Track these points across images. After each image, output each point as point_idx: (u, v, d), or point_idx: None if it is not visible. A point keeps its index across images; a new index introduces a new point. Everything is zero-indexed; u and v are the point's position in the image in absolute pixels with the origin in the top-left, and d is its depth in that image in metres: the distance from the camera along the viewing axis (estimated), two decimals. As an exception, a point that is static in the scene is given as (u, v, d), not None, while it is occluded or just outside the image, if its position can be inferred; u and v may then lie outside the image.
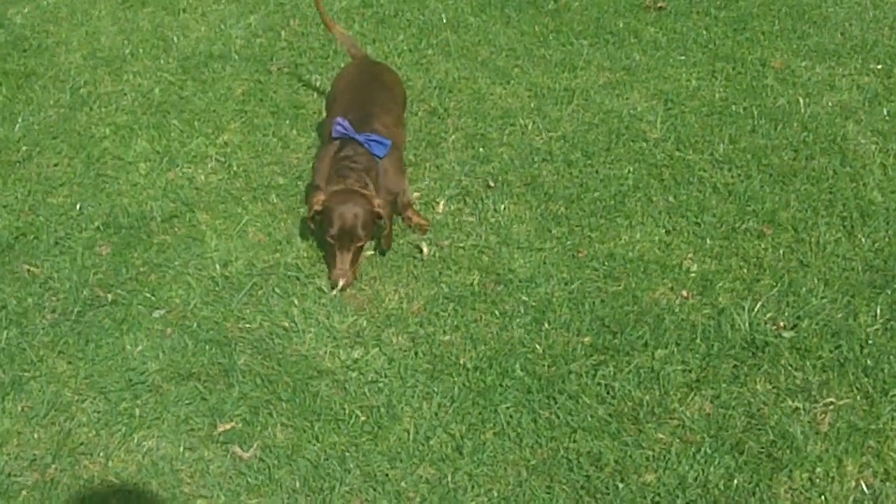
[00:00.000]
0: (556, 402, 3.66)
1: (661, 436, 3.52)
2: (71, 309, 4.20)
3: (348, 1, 6.65)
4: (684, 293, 4.06)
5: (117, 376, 3.89)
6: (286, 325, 4.07)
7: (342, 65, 5.84)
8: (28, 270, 4.43)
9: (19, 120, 5.55)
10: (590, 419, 3.59)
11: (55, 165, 5.17)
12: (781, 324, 3.89)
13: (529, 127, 5.25)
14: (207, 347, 3.99)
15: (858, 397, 3.59)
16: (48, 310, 4.22)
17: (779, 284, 4.08)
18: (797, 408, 3.57)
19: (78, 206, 4.82)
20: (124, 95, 5.77)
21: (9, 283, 4.36)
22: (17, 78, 6.01)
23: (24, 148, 5.30)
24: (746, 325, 3.89)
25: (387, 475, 3.47)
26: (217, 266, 4.38)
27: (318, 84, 5.73)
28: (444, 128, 5.29)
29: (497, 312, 4.05)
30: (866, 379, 3.63)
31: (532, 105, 5.45)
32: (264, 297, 4.21)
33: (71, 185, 5.00)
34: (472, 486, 3.41)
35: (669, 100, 5.38)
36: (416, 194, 4.68)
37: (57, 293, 4.30)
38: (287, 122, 5.42)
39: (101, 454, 3.60)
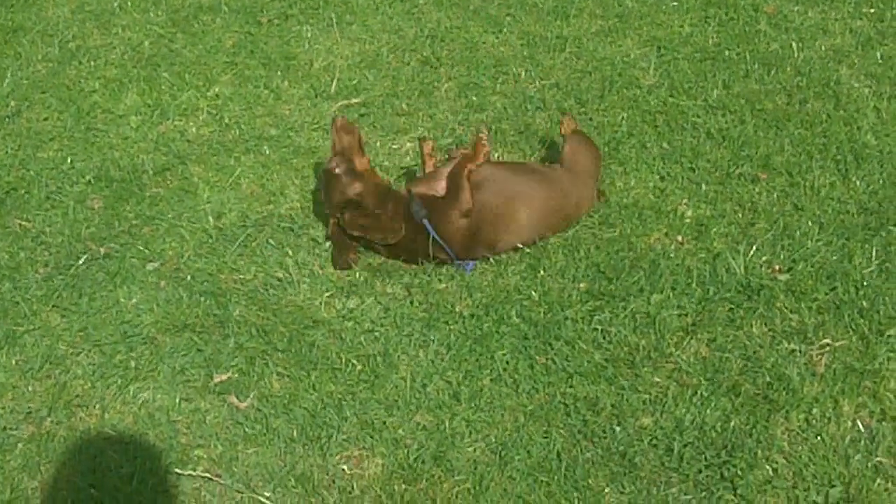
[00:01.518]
0: (552, 348, 3.66)
1: (657, 379, 3.52)
2: (64, 263, 4.19)
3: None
4: (679, 238, 4.05)
5: (112, 329, 3.88)
6: (280, 275, 4.06)
7: (332, 15, 5.81)
8: (20, 225, 4.42)
9: (8, 75, 5.52)
10: (586, 364, 3.59)
11: (45, 120, 5.14)
12: (777, 267, 3.89)
13: (522, 75, 5.22)
14: (202, 299, 3.98)
15: (854, 338, 3.58)
16: (41, 264, 4.21)
17: (773, 228, 4.07)
18: (793, 350, 3.57)
19: (69, 160, 4.80)
20: (113, 49, 5.73)
21: (1, 238, 4.34)
22: (5, 33, 5.97)
23: (12, 103, 5.28)
24: (742, 268, 3.88)
25: (384, 423, 3.47)
26: (210, 218, 4.37)
27: (308, 35, 5.69)
28: (436, 77, 5.26)
29: (492, 260, 4.04)
30: (862, 320, 3.63)
31: (525, 53, 5.42)
32: (258, 249, 4.20)
33: (61, 140, 4.97)
34: (470, 433, 3.41)
35: (662, 46, 5.35)
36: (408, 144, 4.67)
37: (49, 247, 4.29)
38: (278, 73, 5.39)
39: (97, 406, 3.61)
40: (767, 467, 3.21)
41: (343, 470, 3.35)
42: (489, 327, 3.76)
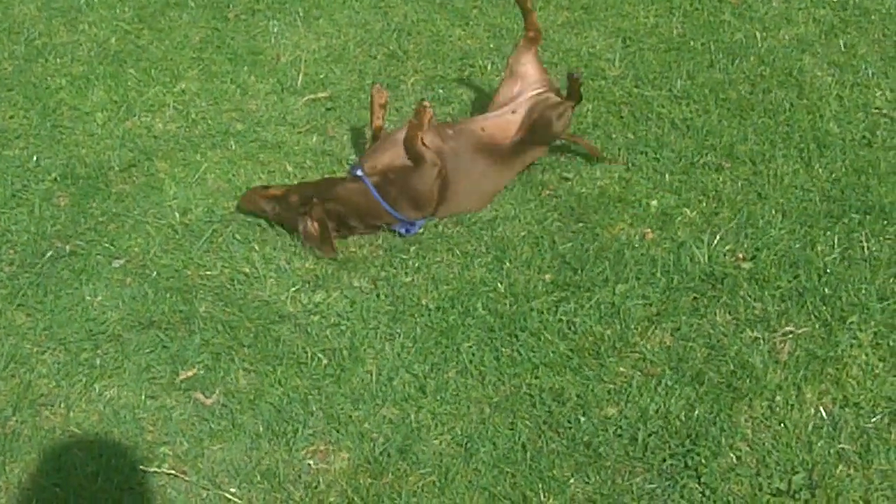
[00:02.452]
0: (518, 340, 3.67)
1: (622, 369, 3.54)
2: (29, 261, 4.18)
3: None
4: (647, 232, 4.06)
5: (77, 327, 3.87)
6: (247, 270, 4.06)
7: (299, 10, 5.80)
8: (-15, 224, 4.40)
9: (-27, 73, 5.49)
10: (552, 355, 3.60)
11: (10, 118, 5.11)
12: (740, 255, 3.91)
13: (489, 68, 5.23)
14: (168, 296, 3.97)
15: (817, 326, 3.61)
16: (6, 262, 4.19)
17: (737, 217, 4.09)
18: (756, 338, 3.59)
19: (35, 158, 4.78)
20: (80, 46, 5.70)
21: (-34, 237, 4.33)
22: (-30, 31, 5.94)
23: (-23, 101, 5.25)
24: (706, 257, 3.90)
25: (350, 417, 3.48)
26: (176, 214, 4.36)
27: (275, 30, 5.67)
28: (403, 70, 5.26)
29: (458, 252, 4.05)
30: (824, 307, 3.66)
31: (491, 46, 5.42)
32: (224, 244, 4.19)
33: (27, 137, 4.95)
34: (436, 425, 3.42)
35: (628, 37, 5.36)
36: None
37: (15, 245, 4.27)
38: (245, 68, 5.38)
39: (62, 405, 3.59)
40: (731, 455, 3.23)
41: (309, 465, 3.36)
42: (455, 320, 3.77)
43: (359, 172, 4.18)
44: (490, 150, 4.26)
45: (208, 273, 4.07)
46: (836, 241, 3.92)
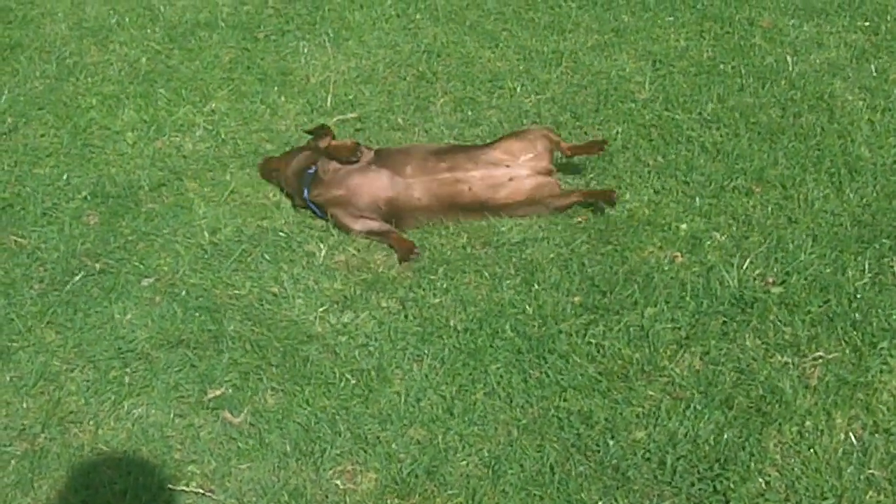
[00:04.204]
0: (546, 362, 3.66)
1: (651, 393, 3.52)
2: (59, 279, 4.20)
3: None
4: (676, 256, 4.05)
5: (106, 345, 3.88)
6: (275, 290, 4.07)
7: (329, 31, 5.83)
8: (15, 241, 4.42)
9: (5, 91, 5.53)
10: (580, 378, 3.59)
11: (42, 136, 5.15)
12: (770, 280, 3.89)
13: (518, 90, 5.23)
14: (197, 315, 3.98)
15: (847, 351, 3.58)
16: (36, 280, 4.21)
17: (767, 241, 4.07)
18: (786, 362, 3.57)
19: (65, 177, 4.81)
20: (111, 65, 5.75)
21: (-3, 255, 4.36)
22: (3, 49, 5.99)
23: (9, 119, 5.29)
24: (735, 281, 3.88)
25: (377, 437, 3.47)
26: (205, 233, 4.38)
27: (305, 51, 5.70)
28: (432, 92, 5.28)
29: (487, 274, 4.05)
30: (855, 332, 3.63)
31: (521, 68, 5.44)
32: (253, 264, 4.20)
33: (58, 156, 4.98)
34: (463, 447, 3.41)
35: (658, 60, 5.37)
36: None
37: (45, 263, 4.29)
38: (275, 88, 5.41)
39: (91, 422, 3.60)
40: (760, 480, 3.21)
41: (336, 485, 3.35)
42: (483, 341, 3.76)
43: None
44: (466, 202, 4.29)
45: (237, 292, 4.08)
46: (866, 266, 3.90)
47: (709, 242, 4.09)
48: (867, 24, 5.55)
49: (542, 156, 4.33)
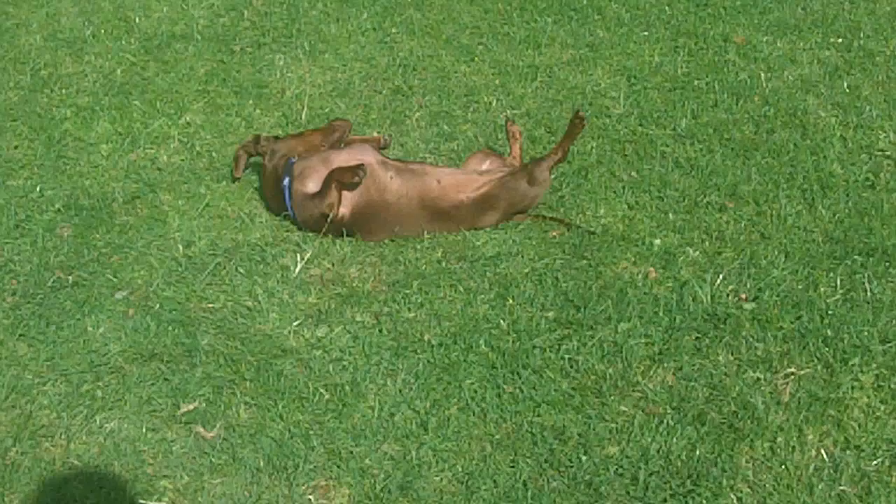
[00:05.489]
0: (520, 377, 3.66)
1: (624, 408, 3.53)
2: (32, 291, 4.18)
3: (311, -20, 6.62)
4: (650, 271, 4.06)
5: (79, 358, 3.87)
6: (249, 304, 4.06)
7: (305, 44, 5.83)
8: (-12, 253, 4.41)
9: (-21, 103, 5.51)
10: (553, 393, 3.59)
11: (15, 148, 5.13)
12: (743, 296, 3.91)
13: (493, 104, 5.25)
14: (170, 328, 3.97)
15: (819, 367, 3.61)
16: (8, 293, 4.19)
17: (740, 257, 4.09)
18: (758, 378, 3.58)
19: (38, 188, 4.79)
20: (85, 77, 5.73)
21: (-31, 267, 4.33)
22: (-23, 60, 5.97)
23: (-17, 131, 5.27)
24: (708, 297, 3.90)
25: (351, 452, 3.46)
26: (180, 246, 4.37)
27: (280, 64, 5.70)
28: (408, 106, 5.29)
29: (461, 289, 4.05)
30: (826, 349, 3.66)
31: (496, 82, 5.45)
32: (227, 277, 4.20)
33: (31, 167, 4.97)
34: (437, 462, 3.41)
35: (632, 76, 5.39)
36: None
37: (17, 276, 4.28)
38: (250, 101, 5.41)
39: (63, 436, 3.59)
40: (732, 496, 3.22)
41: (310, 500, 3.34)
42: (457, 356, 3.76)
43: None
44: (436, 202, 4.32)
45: (211, 306, 4.07)
46: (838, 282, 3.92)
47: (682, 258, 4.10)
48: (840, 40, 5.59)
49: (496, 160, 4.54)
